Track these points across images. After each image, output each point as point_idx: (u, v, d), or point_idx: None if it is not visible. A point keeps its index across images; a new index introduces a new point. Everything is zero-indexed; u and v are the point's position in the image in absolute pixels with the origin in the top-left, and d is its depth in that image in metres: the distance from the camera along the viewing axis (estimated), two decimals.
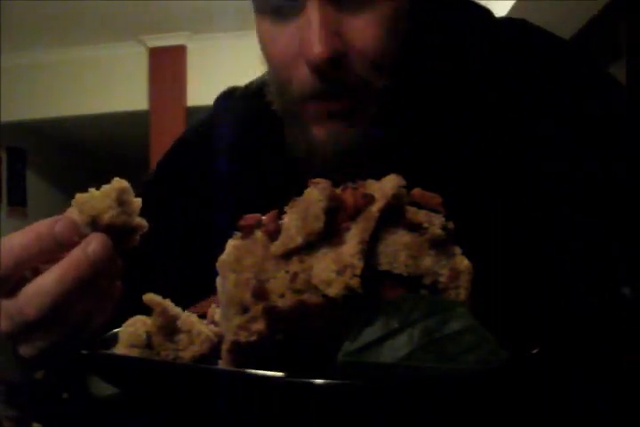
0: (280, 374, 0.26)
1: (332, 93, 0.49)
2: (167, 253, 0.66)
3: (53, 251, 0.37)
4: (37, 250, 0.36)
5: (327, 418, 0.26)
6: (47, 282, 0.36)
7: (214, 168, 0.66)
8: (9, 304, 0.36)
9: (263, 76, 0.65)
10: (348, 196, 0.34)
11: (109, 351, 0.36)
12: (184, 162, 0.71)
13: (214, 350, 0.36)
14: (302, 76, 0.49)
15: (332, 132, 0.51)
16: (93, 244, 0.37)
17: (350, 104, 0.50)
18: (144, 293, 0.38)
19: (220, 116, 0.70)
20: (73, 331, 0.37)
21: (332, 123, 0.51)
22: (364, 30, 0.48)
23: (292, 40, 0.49)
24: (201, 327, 0.38)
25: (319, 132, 0.51)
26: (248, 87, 0.69)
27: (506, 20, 0.64)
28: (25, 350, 0.37)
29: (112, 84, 4.10)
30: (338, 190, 0.35)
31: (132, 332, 0.37)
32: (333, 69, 0.47)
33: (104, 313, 0.39)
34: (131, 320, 0.38)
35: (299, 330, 0.32)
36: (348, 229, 0.33)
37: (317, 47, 0.45)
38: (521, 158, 0.59)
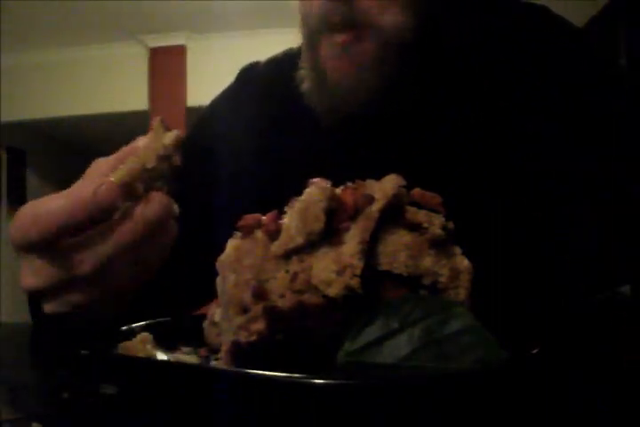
0: (280, 374, 0.26)
1: (340, 23, 0.54)
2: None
3: (96, 217, 0.37)
4: (81, 217, 0.36)
5: (327, 418, 0.26)
6: (104, 246, 0.36)
7: (236, 138, 0.69)
8: (52, 258, 0.37)
9: (287, 49, 0.71)
10: (348, 196, 0.34)
11: (109, 351, 0.36)
12: (208, 134, 0.72)
13: None
14: (319, 4, 0.54)
15: (343, 69, 0.56)
16: (153, 205, 0.37)
17: (356, 35, 0.54)
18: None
19: (243, 86, 0.72)
20: (116, 287, 0.38)
21: (342, 58, 0.55)
22: None
23: None
24: None
25: (330, 66, 0.56)
26: (271, 59, 0.73)
27: (524, 5, 0.64)
28: (53, 307, 0.38)
29: (112, 84, 4.10)
30: (338, 190, 0.35)
31: None
32: None
33: (149, 273, 0.40)
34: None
35: (299, 330, 0.32)
36: (347, 229, 0.33)
37: None
38: (521, 157, 0.59)
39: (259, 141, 0.67)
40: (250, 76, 0.73)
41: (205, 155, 0.69)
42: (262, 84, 0.70)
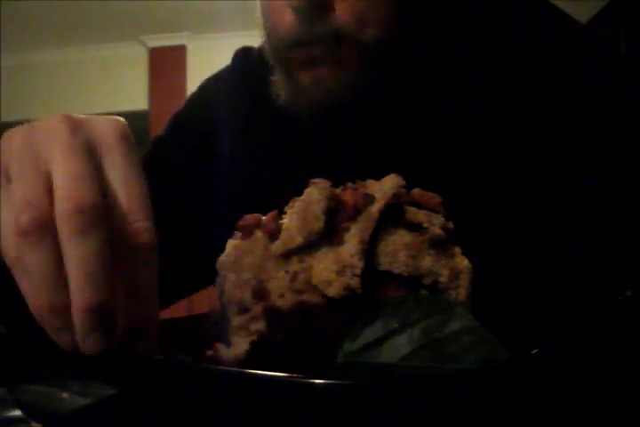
0: (280, 374, 0.26)
1: (314, 41, 0.49)
2: (171, 210, 0.64)
3: None
4: None
5: (327, 418, 0.26)
6: None
7: (222, 127, 0.66)
8: None
9: None
10: (348, 196, 0.34)
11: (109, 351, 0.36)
12: (197, 117, 0.70)
13: None
14: (287, 22, 0.49)
15: (317, 78, 0.51)
16: None
17: (333, 51, 0.49)
18: None
19: (235, 74, 0.70)
20: None
21: (317, 69, 0.50)
22: None
23: None
24: None
25: (304, 78, 0.51)
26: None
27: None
28: None
29: (112, 84, 4.10)
30: (338, 190, 0.35)
31: None
32: (316, 13, 0.47)
33: None
34: None
35: (299, 330, 0.32)
36: (347, 229, 0.33)
37: None
38: (522, 155, 0.59)
39: (248, 130, 0.65)
40: (245, 60, 0.71)
41: (201, 136, 0.68)
42: (255, 73, 0.67)
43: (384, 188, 0.35)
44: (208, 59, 3.93)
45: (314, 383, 0.25)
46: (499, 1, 0.62)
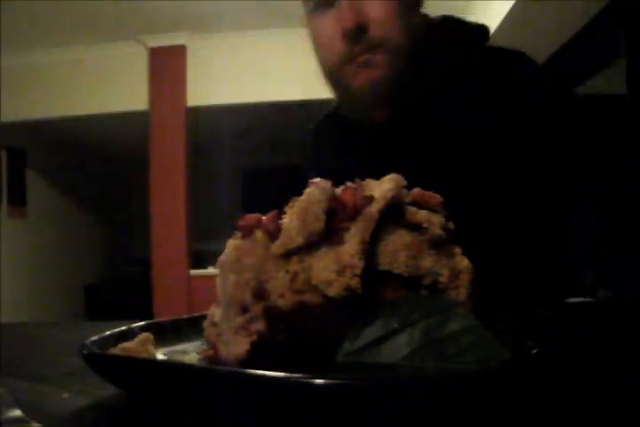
0: (280, 374, 0.26)
1: (359, 52, 0.68)
2: None
3: None
4: None
5: (327, 418, 0.26)
6: None
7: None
8: None
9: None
10: (348, 196, 0.34)
11: (109, 351, 0.36)
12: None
13: None
14: (339, 48, 0.69)
15: (366, 78, 0.69)
16: None
17: (374, 55, 0.68)
18: None
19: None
20: None
21: (364, 72, 0.69)
22: (378, 8, 0.68)
23: (331, 27, 0.69)
24: None
25: (356, 81, 0.70)
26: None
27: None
28: None
29: (112, 84, 4.10)
30: (338, 191, 0.35)
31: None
32: (360, 34, 0.67)
33: None
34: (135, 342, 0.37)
35: (299, 330, 0.32)
36: (347, 229, 0.33)
37: (348, 22, 0.67)
38: (520, 156, 0.59)
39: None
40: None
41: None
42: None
43: (384, 188, 0.35)
44: (208, 59, 3.94)
45: (314, 383, 0.25)
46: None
